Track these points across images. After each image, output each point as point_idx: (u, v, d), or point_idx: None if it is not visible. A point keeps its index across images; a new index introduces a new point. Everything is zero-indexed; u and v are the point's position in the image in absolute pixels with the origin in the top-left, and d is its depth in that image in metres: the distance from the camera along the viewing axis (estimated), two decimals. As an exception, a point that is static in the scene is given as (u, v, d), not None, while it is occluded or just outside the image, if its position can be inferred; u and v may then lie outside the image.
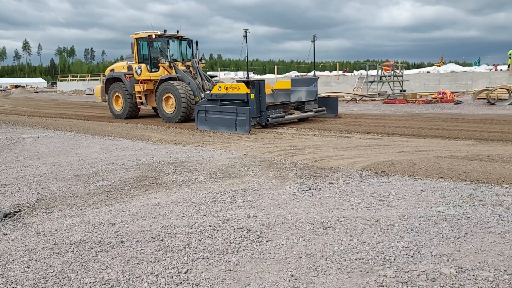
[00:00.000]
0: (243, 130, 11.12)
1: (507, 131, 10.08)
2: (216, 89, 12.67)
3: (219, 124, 11.70)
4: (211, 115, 11.91)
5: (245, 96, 11.91)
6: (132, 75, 15.77)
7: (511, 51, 25.68)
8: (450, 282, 3.16)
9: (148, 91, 15.70)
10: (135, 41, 15.59)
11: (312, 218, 4.64)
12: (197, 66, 15.21)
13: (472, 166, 6.61)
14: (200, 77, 15.08)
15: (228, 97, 12.27)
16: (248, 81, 12.00)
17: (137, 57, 15.73)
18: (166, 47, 15.22)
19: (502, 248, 3.70)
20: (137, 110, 16.42)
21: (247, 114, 11.02)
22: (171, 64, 14.94)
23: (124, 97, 15.99)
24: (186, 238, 4.23)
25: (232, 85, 12.47)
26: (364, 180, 6.12)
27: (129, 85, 15.70)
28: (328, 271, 3.45)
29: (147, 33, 15.14)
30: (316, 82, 13.99)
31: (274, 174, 6.63)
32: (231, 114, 11.39)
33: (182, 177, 6.67)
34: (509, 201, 4.91)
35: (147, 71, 15.38)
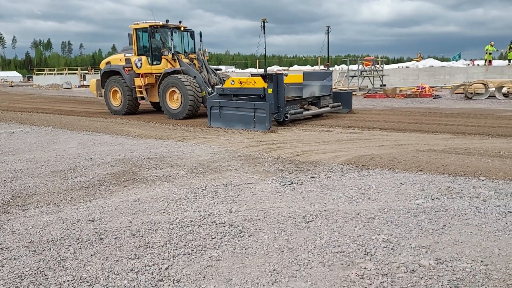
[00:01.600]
0: (263, 127, 10.41)
1: (483, 125, 10.29)
2: (228, 83, 11.83)
3: (235, 120, 10.96)
4: (226, 111, 11.14)
5: (262, 91, 11.09)
6: (131, 68, 14.78)
7: (487, 47, 26.21)
8: (428, 274, 3.20)
9: (149, 85, 14.74)
10: (135, 32, 14.58)
11: (294, 212, 4.64)
12: (202, 59, 14.41)
13: (450, 159, 6.73)
14: (206, 70, 14.29)
15: (243, 92, 11.43)
16: (265, 75, 11.32)
17: (136, 49, 14.71)
18: (169, 39, 14.41)
19: (479, 240, 3.77)
20: (137, 106, 15.46)
21: (267, 110, 10.32)
22: (175, 56, 14.08)
23: (123, 92, 14.96)
24: (166, 234, 4.18)
25: (247, 79, 11.60)
26: (345, 174, 6.16)
27: (129, 79, 14.71)
28: (310, 265, 3.46)
29: (148, 24, 14.18)
30: (331, 76, 13.33)
31: (256, 169, 6.62)
32: (248, 110, 10.64)
33: (162, 172, 6.59)
34: (485, 194, 5.01)
35: (148, 64, 14.41)
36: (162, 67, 14.17)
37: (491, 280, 3.08)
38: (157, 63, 14.38)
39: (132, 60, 14.73)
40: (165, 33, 14.47)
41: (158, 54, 14.40)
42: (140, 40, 14.67)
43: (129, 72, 14.74)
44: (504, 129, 9.58)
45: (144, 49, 14.64)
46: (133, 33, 14.64)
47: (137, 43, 14.67)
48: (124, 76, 14.79)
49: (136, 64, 14.62)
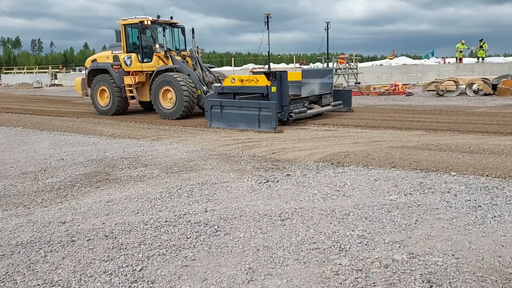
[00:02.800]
0: (268, 126, 9.99)
1: (454, 121, 10.56)
2: (228, 81, 11.24)
3: (237, 120, 10.51)
4: (228, 111, 10.66)
5: (265, 89, 10.57)
6: (120, 66, 14.01)
7: (458, 45, 26.88)
8: (402, 268, 3.26)
9: (139, 84, 14.01)
10: (123, 28, 13.86)
11: (270, 210, 4.65)
12: (196, 56, 13.89)
13: (422, 155, 6.87)
14: (200, 68, 13.75)
15: (244, 91, 10.93)
16: (269, 72, 10.80)
17: (125, 46, 13.96)
18: (161, 35, 13.80)
19: (450, 234, 3.86)
20: (127, 105, 14.66)
21: (273, 109, 9.90)
22: (168, 53, 13.44)
23: (112, 91, 14.18)
24: (141, 235, 4.11)
25: (249, 77, 11.09)
26: (320, 171, 6.20)
27: (118, 77, 13.94)
28: (286, 262, 3.47)
29: (138, 19, 13.46)
30: (332, 73, 12.90)
31: (232, 167, 6.59)
32: (253, 109, 10.20)
33: (136, 172, 6.49)
34: (456, 188, 5.14)
35: (138, 61, 13.73)
36: (153, 65, 13.55)
37: (462, 273, 3.15)
38: (147, 60, 13.74)
39: (121, 57, 14.04)
40: (155, 29, 13.79)
41: (149, 51, 13.81)
42: (130, 36, 14.02)
43: (118, 70, 14.03)
44: (474, 125, 9.85)
45: (134, 46, 14.00)
46: (122, 29, 13.97)
47: (126, 39, 13.98)
48: (113, 75, 14.06)
49: (126, 61, 13.94)
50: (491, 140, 8.03)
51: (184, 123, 12.22)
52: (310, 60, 51.87)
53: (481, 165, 6.08)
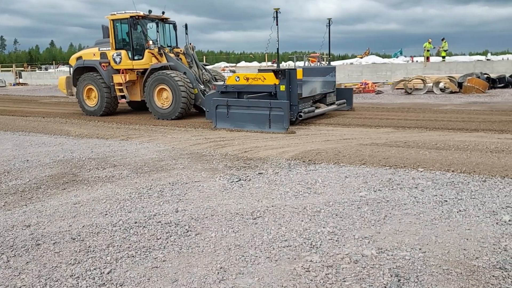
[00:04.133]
0: (279, 127, 9.52)
1: (422, 119, 10.82)
2: (233, 79, 10.70)
3: (246, 121, 9.97)
4: (235, 111, 10.10)
5: (273, 88, 10.08)
6: (108, 64, 13.24)
7: (426, 44, 27.57)
8: (371, 263, 3.31)
9: (130, 83, 13.24)
10: (112, 24, 13.00)
11: (242, 209, 4.63)
12: (192, 53, 13.32)
13: (391, 152, 7.01)
14: (196, 66, 13.19)
15: (250, 89, 10.38)
16: (277, 70, 10.27)
17: (114, 42, 13.16)
18: (155, 31, 13.12)
19: (417, 228, 3.95)
20: (116, 105, 13.90)
21: (286, 109, 9.46)
22: (161, 50, 12.80)
23: (100, 90, 13.35)
24: (109, 237, 4.02)
25: (255, 75, 10.52)
26: (292, 169, 6.23)
27: (106, 76, 13.14)
28: (257, 261, 3.46)
29: (128, 14, 12.66)
30: (334, 71, 12.49)
31: (204, 166, 6.54)
32: (263, 109, 9.70)
33: (105, 173, 6.34)
34: (423, 184, 5.26)
35: (128, 59, 12.94)
36: (145, 62, 12.85)
37: (429, 266, 3.22)
38: (139, 58, 12.96)
39: (109, 54, 13.27)
40: (146, 25, 13.08)
41: (140, 48, 13.06)
42: (119, 32, 13.21)
43: (107, 68, 13.24)
44: (440, 122, 10.13)
45: (124, 43, 13.22)
46: (110, 25, 13.09)
47: (115, 35, 13.17)
48: (101, 73, 13.25)
49: (115, 59, 13.16)
50: (456, 136, 8.27)
51: (155, 122, 12.05)
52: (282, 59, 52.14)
53: (447, 161, 6.25)
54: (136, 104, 14.22)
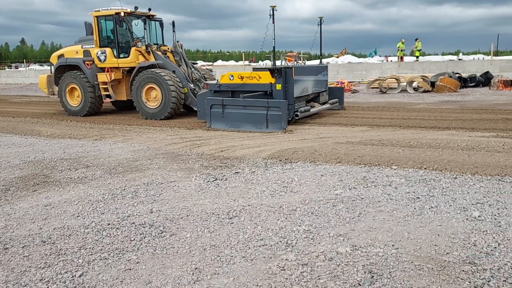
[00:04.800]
0: (277, 127, 9.36)
1: (396, 117, 11.01)
2: (226, 78, 10.41)
3: (242, 121, 9.75)
4: (231, 110, 9.85)
5: (269, 87, 9.87)
6: (92, 62, 12.85)
7: (399, 44, 28.09)
8: (345, 260, 3.34)
9: (115, 82, 12.86)
10: (96, 20, 12.56)
11: (218, 209, 4.60)
12: (181, 52, 13.00)
13: (366, 150, 7.10)
14: (185, 64, 12.86)
15: (244, 88, 10.13)
16: (274, 68, 9.98)
17: (98, 40, 12.74)
18: (142, 28, 12.68)
19: (390, 225, 4.01)
20: (100, 105, 13.51)
21: (284, 108, 9.30)
22: (149, 48, 12.42)
23: (84, 89, 12.92)
24: (81, 239, 3.93)
25: (250, 73, 10.26)
26: (269, 168, 6.23)
27: (91, 74, 12.71)
28: (233, 260, 3.44)
29: (113, 10, 12.28)
30: (326, 70, 12.36)
31: (179, 166, 6.47)
32: (260, 108, 9.49)
33: (77, 173, 6.20)
34: (397, 181, 5.35)
35: (114, 57, 12.56)
36: (131, 61, 12.48)
37: (401, 262, 3.28)
38: (124, 56, 12.56)
39: (93, 52, 12.88)
40: (131, 22, 12.64)
41: (125, 45, 12.69)
42: (103, 29, 12.78)
43: (91, 66, 12.83)
44: (414, 120, 10.33)
45: (108, 40, 12.80)
46: (94, 22, 12.65)
47: (99, 33, 12.75)
48: (85, 71, 12.79)
49: (99, 57, 12.75)
50: (429, 134, 8.44)
51: (129, 121, 11.86)
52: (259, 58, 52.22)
53: (419, 159, 6.37)
54: (121, 103, 13.85)
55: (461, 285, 2.94)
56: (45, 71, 38.16)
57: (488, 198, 4.62)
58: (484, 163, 5.99)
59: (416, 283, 2.97)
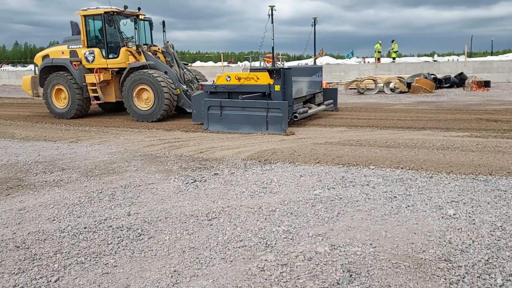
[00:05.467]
0: (278, 129, 9.17)
1: (373, 118, 11.17)
2: (223, 79, 10.20)
3: (240, 122, 9.54)
4: (229, 112, 9.64)
5: (267, 88, 9.69)
6: (80, 63, 12.41)
7: (377, 45, 28.53)
8: (324, 260, 3.36)
9: (104, 83, 12.45)
10: (83, 20, 12.16)
11: (197, 211, 4.57)
12: (172, 52, 12.75)
13: (344, 150, 7.17)
14: (177, 65, 12.62)
15: (241, 90, 9.90)
16: (272, 69, 9.77)
17: (86, 40, 12.33)
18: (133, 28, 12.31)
19: (368, 224, 4.06)
20: (88, 107, 13.05)
21: (284, 110, 9.11)
22: (140, 49, 12.08)
23: (71, 91, 12.46)
24: (57, 243, 3.84)
25: (248, 74, 10.07)
26: (248, 169, 6.23)
27: (78, 75, 12.26)
28: (212, 262, 3.42)
29: (102, 10, 11.88)
30: (321, 71, 12.23)
31: (158, 168, 6.41)
32: (260, 109, 9.30)
33: (53, 177, 6.06)
34: (375, 181, 5.42)
35: (102, 57, 12.18)
36: (120, 61, 12.13)
37: (379, 261, 3.32)
38: (113, 56, 12.21)
39: (80, 53, 12.47)
40: (119, 21, 12.36)
41: (114, 45, 12.32)
42: (91, 29, 12.38)
43: (78, 67, 12.37)
44: (391, 121, 10.49)
45: (97, 40, 12.42)
46: (82, 21, 12.23)
47: (87, 33, 12.34)
48: (73, 72, 12.33)
49: (87, 57, 12.31)
50: (405, 134, 8.60)
51: (106, 123, 11.68)
52: (238, 59, 52.21)
53: (396, 158, 6.47)
54: (109, 105, 13.45)
55: (437, 282, 3.00)
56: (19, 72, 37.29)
57: (463, 197, 4.73)
58: (459, 162, 6.13)
59: (393, 281, 3.02)
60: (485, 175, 5.49)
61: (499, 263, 3.22)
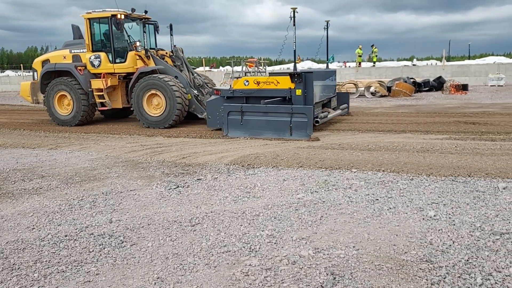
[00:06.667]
0: (303, 134, 8.91)
1: (355, 121, 11.29)
2: (241, 83, 9.92)
3: (263, 128, 9.28)
4: (250, 117, 9.38)
5: (288, 92, 9.42)
6: (84, 68, 11.97)
7: (357, 50, 28.90)
8: (308, 263, 3.37)
9: (110, 88, 12.03)
10: (88, 23, 11.77)
11: (180, 216, 4.54)
12: (182, 56, 12.45)
13: (327, 154, 7.23)
14: (186, 69, 12.32)
15: (260, 94, 9.64)
16: (294, 73, 9.48)
17: (91, 44, 11.94)
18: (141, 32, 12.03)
19: (351, 227, 4.09)
20: (93, 113, 12.57)
21: (310, 115, 8.85)
22: (149, 53, 11.73)
23: (76, 97, 11.96)
24: (36, 252, 3.76)
25: (267, 78, 9.79)
26: (231, 174, 6.22)
27: (84, 81, 11.78)
28: (196, 268, 3.40)
29: (109, 13, 11.45)
30: (335, 75, 12.02)
31: (140, 174, 6.34)
32: (283, 115, 9.06)
33: (32, 184, 5.94)
34: (357, 184, 5.48)
35: (109, 62, 11.79)
36: (128, 66, 11.76)
37: (362, 263, 3.35)
38: (121, 60, 11.83)
39: (84, 57, 12.01)
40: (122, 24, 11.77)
41: (121, 50, 11.95)
42: (97, 32, 11.99)
43: (83, 72, 11.92)
44: (372, 124, 10.63)
45: (103, 44, 12.03)
46: (86, 24, 11.80)
47: (92, 36, 11.93)
48: (78, 77, 11.83)
49: (92, 62, 11.87)
50: (386, 138, 8.71)
51: (86, 129, 11.50)
52: (220, 63, 52.22)
53: (378, 161, 6.56)
54: (111, 111, 13.00)
55: (419, 283, 3.04)
56: (-4, 77, 36.48)
57: (443, 198, 4.81)
58: (438, 164, 6.25)
59: (376, 283, 3.05)
60: (464, 177, 5.60)
61: (478, 263, 3.29)
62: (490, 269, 3.19)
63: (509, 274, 3.11)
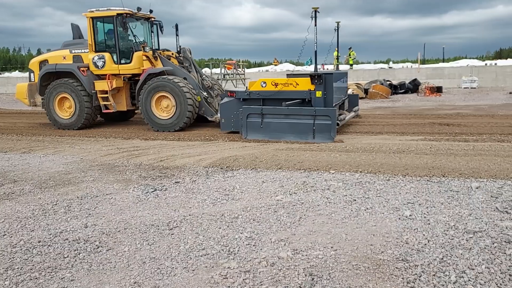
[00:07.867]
0: (326, 137, 8.69)
1: (332, 123, 11.37)
2: (257, 85, 9.69)
3: (284, 131, 9.05)
4: (270, 120, 9.15)
5: (307, 94, 9.23)
6: (87, 69, 11.45)
7: (335, 53, 29.19)
8: (286, 265, 3.38)
9: (115, 90, 11.56)
10: (91, 22, 11.22)
11: (158, 220, 4.48)
12: (190, 57, 12.04)
13: (305, 156, 7.27)
14: (195, 70, 11.94)
15: (278, 96, 9.41)
16: (314, 74, 9.24)
17: (94, 44, 11.39)
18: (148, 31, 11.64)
19: (329, 228, 4.12)
20: (96, 116, 12.08)
21: (333, 117, 8.67)
22: (156, 53, 11.31)
23: (79, 99, 11.40)
24: (8, 260, 3.65)
25: (286, 80, 9.55)
26: (210, 177, 6.19)
27: (87, 82, 11.26)
28: (173, 272, 3.36)
29: (114, 11, 10.99)
30: (346, 77, 11.86)
31: (116, 178, 6.24)
32: (306, 117, 8.85)
33: (3, 189, 5.77)
34: (335, 185, 5.52)
35: (113, 62, 11.29)
36: (133, 67, 11.30)
37: (340, 263, 3.38)
38: (126, 61, 11.33)
39: (87, 58, 11.51)
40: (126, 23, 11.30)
41: (126, 50, 11.51)
42: (101, 32, 11.48)
43: (86, 73, 11.41)
44: (349, 126, 10.75)
45: (107, 44, 11.52)
46: (89, 24, 11.27)
47: (95, 36, 11.39)
48: (81, 79, 11.30)
49: (96, 63, 11.35)
50: (363, 139, 8.83)
51: (61, 132, 11.24)
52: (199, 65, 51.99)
53: (355, 163, 6.63)
54: (111, 114, 12.33)
55: (395, 282, 3.08)
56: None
57: (418, 198, 4.90)
58: (414, 165, 6.36)
59: (354, 282, 3.08)
60: (439, 177, 5.72)
61: (452, 261, 3.36)
62: (464, 267, 3.26)
63: (482, 271, 3.19)
